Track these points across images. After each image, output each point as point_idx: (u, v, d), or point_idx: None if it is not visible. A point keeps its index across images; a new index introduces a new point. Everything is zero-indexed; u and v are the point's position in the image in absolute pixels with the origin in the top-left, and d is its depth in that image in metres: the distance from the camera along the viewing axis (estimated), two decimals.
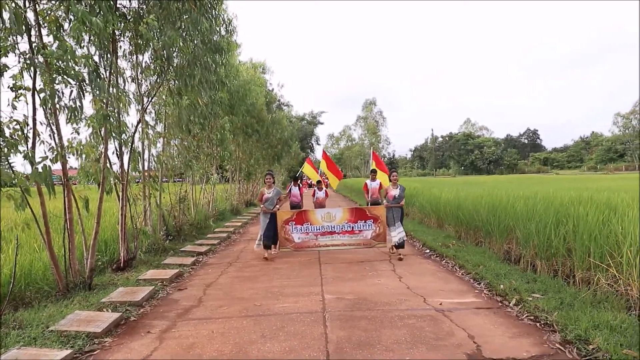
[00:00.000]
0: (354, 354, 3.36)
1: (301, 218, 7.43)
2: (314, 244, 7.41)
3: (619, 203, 6.09)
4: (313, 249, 7.45)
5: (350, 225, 7.43)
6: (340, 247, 7.43)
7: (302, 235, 7.40)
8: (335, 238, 7.41)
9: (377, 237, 7.45)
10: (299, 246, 7.39)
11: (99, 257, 6.33)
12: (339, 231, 7.40)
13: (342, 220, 7.42)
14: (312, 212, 7.51)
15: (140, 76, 6.85)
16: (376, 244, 7.52)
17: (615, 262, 4.56)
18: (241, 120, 13.24)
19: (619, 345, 3.22)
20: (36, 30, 4.25)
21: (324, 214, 7.46)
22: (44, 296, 4.91)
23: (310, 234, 7.40)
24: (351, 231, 7.43)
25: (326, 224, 7.41)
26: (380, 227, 7.41)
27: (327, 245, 7.41)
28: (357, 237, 7.44)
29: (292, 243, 7.40)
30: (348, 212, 7.52)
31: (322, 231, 7.40)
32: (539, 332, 3.81)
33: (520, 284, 5.07)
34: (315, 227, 7.41)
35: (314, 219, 7.42)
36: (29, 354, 3.31)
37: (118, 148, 6.33)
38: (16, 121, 4.33)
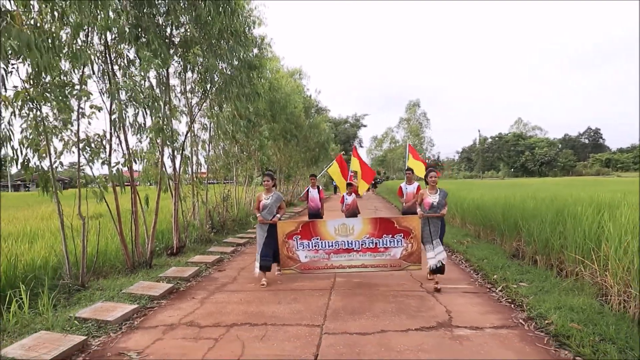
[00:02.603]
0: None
1: (308, 231, 5.71)
2: (325, 265, 5.72)
3: (620, 203, 6.38)
4: (324, 271, 5.77)
5: (373, 240, 5.64)
6: (360, 269, 5.70)
7: (310, 254, 5.71)
8: (353, 257, 5.67)
9: (409, 256, 5.60)
10: (306, 267, 5.74)
11: (157, 244, 7.71)
12: (358, 248, 5.66)
13: (363, 234, 5.65)
14: (323, 223, 5.78)
15: (188, 93, 8.17)
16: (407, 266, 5.64)
17: (597, 257, 5.01)
18: (281, 127, 14.47)
19: (568, 320, 3.82)
20: (111, 68, 5.60)
21: (339, 226, 5.70)
22: (116, 271, 6.27)
23: (320, 251, 5.70)
24: (374, 249, 5.64)
25: (341, 238, 5.67)
26: (413, 243, 5.57)
27: (342, 267, 5.70)
28: (382, 257, 5.64)
29: (297, 263, 5.72)
30: (370, 223, 5.69)
31: (336, 248, 5.68)
32: (510, 311, 4.45)
33: (512, 275, 5.63)
34: (327, 242, 5.69)
35: (326, 232, 5.69)
36: (109, 306, 4.56)
37: (171, 154, 7.67)
38: (97, 135, 5.70)
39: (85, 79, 5.47)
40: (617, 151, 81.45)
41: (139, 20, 5.32)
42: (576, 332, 3.56)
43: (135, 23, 5.29)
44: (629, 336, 3.39)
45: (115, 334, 3.98)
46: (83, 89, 5.30)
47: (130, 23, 5.19)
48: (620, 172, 66.70)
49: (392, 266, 5.68)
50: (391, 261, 5.66)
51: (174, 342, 3.77)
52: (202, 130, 9.07)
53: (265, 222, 5.78)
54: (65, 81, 4.93)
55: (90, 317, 4.21)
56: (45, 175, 5.10)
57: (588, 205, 6.30)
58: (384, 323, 4.10)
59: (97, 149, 5.61)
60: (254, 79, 9.19)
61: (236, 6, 6.48)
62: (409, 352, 3.42)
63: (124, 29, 4.98)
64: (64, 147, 5.34)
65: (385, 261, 5.67)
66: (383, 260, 5.67)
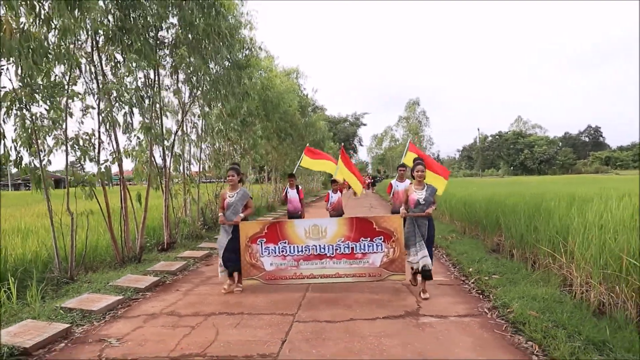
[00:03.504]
0: None
1: (275, 233, 4.99)
2: (293, 275, 4.98)
3: (592, 198, 6.57)
4: (292, 281, 5.02)
5: (348, 245, 4.93)
6: (333, 279, 4.95)
7: (277, 260, 4.99)
8: (326, 265, 4.93)
9: (390, 264, 4.91)
10: (271, 277, 5.00)
11: (147, 240, 7.93)
12: (332, 254, 4.93)
13: (337, 237, 4.93)
14: (291, 224, 5.05)
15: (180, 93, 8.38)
16: (389, 276, 4.93)
17: (565, 250, 5.20)
18: (275, 125, 14.66)
19: (527, 309, 4.01)
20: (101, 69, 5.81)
21: (309, 228, 4.97)
22: (106, 265, 6.48)
23: (288, 258, 4.98)
24: (350, 254, 4.94)
25: (312, 242, 4.94)
26: (395, 248, 4.88)
27: (313, 277, 4.96)
28: (359, 265, 4.93)
29: (261, 272, 5.00)
30: (345, 224, 4.98)
31: (306, 254, 4.96)
32: (477, 301, 4.64)
33: (487, 268, 5.81)
34: (296, 247, 4.96)
35: (294, 234, 4.96)
36: (95, 297, 4.78)
37: (162, 152, 7.88)
38: (86, 133, 5.91)
39: (75, 78, 5.69)
40: (617, 149, 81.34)
41: (123, 22, 5.53)
42: (533, 319, 3.75)
43: (120, 25, 5.50)
44: (580, 322, 3.58)
45: (99, 322, 4.20)
46: (72, 90, 5.52)
47: (115, 25, 5.40)
48: (620, 170, 66.62)
49: (372, 275, 4.95)
50: (370, 270, 4.94)
51: (154, 329, 3.98)
52: (193, 129, 9.27)
53: (228, 223, 5.07)
54: (54, 82, 5.15)
55: (75, 307, 4.43)
56: (36, 173, 5.32)
57: (561, 200, 6.49)
58: (355, 312, 4.30)
59: (86, 147, 5.82)
60: (244, 79, 9.38)
61: (221, 7, 6.67)
62: (372, 337, 3.62)
63: (109, 32, 5.19)
64: (54, 145, 5.56)
65: (363, 270, 4.95)
66: (361, 269, 4.95)
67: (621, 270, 3.91)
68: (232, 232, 5.12)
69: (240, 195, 5.22)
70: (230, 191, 5.27)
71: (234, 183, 5.22)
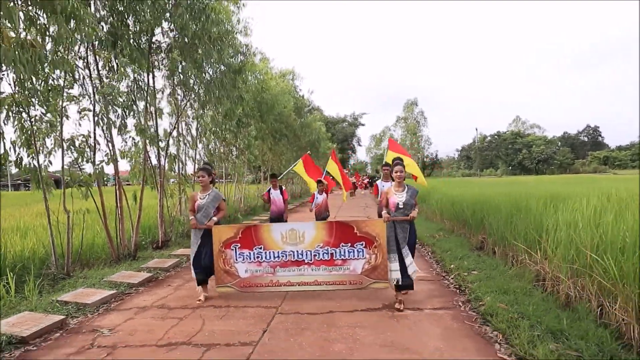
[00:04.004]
0: None
1: (250, 238, 4.75)
2: (270, 282, 4.75)
3: (569, 197, 6.80)
4: (269, 289, 4.78)
5: (328, 250, 4.69)
6: (312, 287, 4.73)
7: (252, 267, 4.76)
8: (304, 272, 4.71)
9: (372, 271, 4.64)
10: (246, 284, 4.77)
11: (143, 238, 8.17)
12: (310, 260, 4.71)
13: (315, 242, 4.70)
14: (267, 228, 4.81)
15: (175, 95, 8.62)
16: (371, 283, 4.66)
17: (540, 247, 5.43)
18: (269, 126, 14.91)
19: (497, 302, 4.24)
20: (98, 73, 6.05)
21: (286, 232, 4.74)
22: (101, 262, 6.71)
23: (264, 264, 4.74)
24: (330, 261, 4.69)
25: (290, 248, 4.71)
26: (378, 254, 4.62)
27: (290, 284, 4.74)
28: (339, 272, 4.69)
29: (235, 279, 4.78)
30: (325, 229, 4.74)
31: (283, 260, 4.73)
32: (454, 295, 4.88)
33: (469, 264, 6.05)
34: (272, 253, 4.74)
35: (270, 239, 4.73)
36: (90, 291, 5.01)
37: (157, 153, 8.11)
38: (82, 135, 6.15)
39: (72, 82, 5.92)
40: (616, 149, 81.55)
41: (115, 29, 5.77)
42: (501, 311, 3.98)
43: (112, 32, 5.74)
44: (543, 314, 3.81)
45: (92, 314, 4.43)
46: (68, 94, 5.76)
47: (107, 32, 5.65)
48: (618, 169, 66.83)
49: (352, 283, 4.68)
50: (351, 277, 4.67)
51: (144, 320, 4.22)
52: (187, 130, 9.51)
53: (199, 227, 4.79)
54: (50, 86, 5.38)
55: (71, 300, 4.67)
56: (35, 173, 5.56)
57: (540, 200, 6.73)
58: (336, 305, 4.53)
59: (82, 148, 6.06)
60: (239, 83, 9.62)
61: (211, 12, 6.90)
62: (348, 327, 3.85)
63: (101, 39, 5.43)
64: (53, 146, 5.80)
65: (343, 277, 4.67)
66: (341, 276, 4.68)
67: (585, 265, 4.14)
68: (202, 236, 4.81)
69: (212, 197, 4.88)
70: (201, 193, 4.93)
71: (204, 184, 4.89)
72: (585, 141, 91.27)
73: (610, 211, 4.71)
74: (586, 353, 3.03)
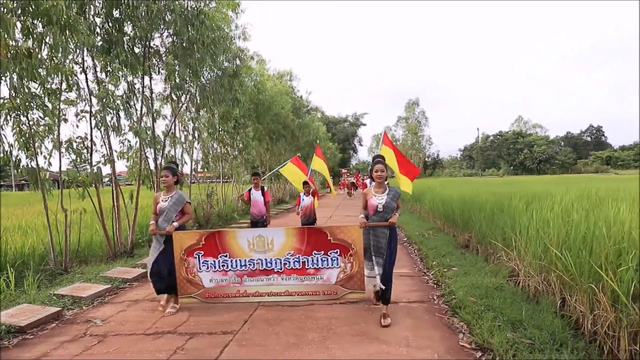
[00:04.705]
0: None
1: (214, 245, 4.40)
2: (237, 292, 4.44)
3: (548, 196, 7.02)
4: (236, 299, 4.46)
5: (299, 259, 4.36)
6: (283, 297, 4.43)
7: (218, 276, 4.43)
8: (273, 282, 4.40)
9: (348, 280, 4.34)
10: (211, 295, 4.46)
11: (140, 236, 8.45)
12: (280, 269, 4.38)
13: (286, 249, 4.37)
14: (233, 235, 4.44)
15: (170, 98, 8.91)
16: (347, 294, 4.37)
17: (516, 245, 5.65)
18: (266, 127, 15.19)
19: (469, 296, 4.48)
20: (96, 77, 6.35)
21: (253, 239, 4.38)
22: (99, 259, 7.00)
23: (230, 273, 4.41)
24: (302, 270, 4.37)
25: (257, 256, 4.37)
26: (353, 263, 4.31)
27: (259, 294, 4.43)
28: (312, 282, 4.38)
29: (199, 289, 4.45)
30: (296, 235, 4.39)
31: (251, 269, 4.40)
32: (430, 290, 5.12)
33: (450, 262, 6.28)
34: (238, 261, 4.40)
35: (237, 246, 4.39)
36: (85, 286, 5.30)
37: (154, 153, 8.39)
38: (80, 137, 6.43)
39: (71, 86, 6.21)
40: (619, 149, 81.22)
41: (110, 36, 6.06)
42: (470, 304, 4.22)
43: (107, 39, 6.03)
44: (508, 306, 4.05)
45: (87, 307, 4.71)
46: (66, 98, 6.04)
47: (102, 39, 5.94)
48: (620, 169, 66.61)
49: (326, 294, 4.36)
50: (325, 287, 4.34)
51: (135, 312, 4.49)
52: (184, 132, 9.79)
53: (159, 233, 4.34)
54: (49, 90, 5.66)
55: (67, 294, 4.95)
56: (33, 174, 5.86)
57: (522, 198, 6.95)
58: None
59: (79, 150, 6.34)
60: (235, 86, 9.91)
61: (205, 18, 7.17)
62: (324, 319, 4.09)
63: (95, 46, 5.73)
64: (52, 148, 6.09)
65: (316, 287, 4.34)
66: (314, 286, 4.34)
67: (551, 261, 4.36)
68: (164, 243, 4.36)
69: (175, 199, 4.40)
70: (164, 194, 4.47)
71: (168, 184, 4.42)
72: (588, 141, 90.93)
73: (577, 210, 4.92)
74: (538, 341, 3.26)
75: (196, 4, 7.57)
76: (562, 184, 17.37)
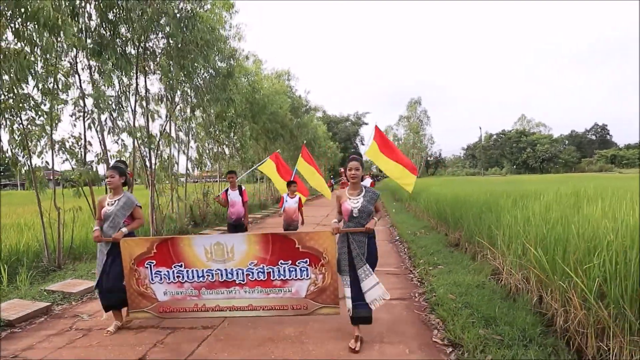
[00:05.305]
0: None
1: (167, 254, 3.84)
2: (194, 306, 3.88)
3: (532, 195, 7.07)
4: (194, 314, 3.90)
5: (264, 269, 3.79)
6: (246, 312, 3.85)
7: (172, 288, 3.87)
8: (235, 295, 3.84)
9: (319, 294, 3.76)
10: (166, 309, 3.89)
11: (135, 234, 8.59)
12: (243, 281, 3.82)
13: (248, 258, 3.80)
14: (188, 242, 3.86)
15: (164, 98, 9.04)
16: (318, 308, 3.77)
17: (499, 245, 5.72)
18: (263, 127, 15.30)
19: (449, 293, 4.55)
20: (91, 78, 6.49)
21: (211, 247, 3.82)
22: (92, 256, 7.12)
23: (186, 285, 3.86)
24: (267, 281, 3.81)
25: (216, 266, 3.83)
26: (325, 274, 3.73)
27: (220, 309, 3.87)
28: (279, 295, 3.81)
29: (153, 302, 3.88)
30: (259, 242, 3.80)
31: (210, 281, 3.85)
32: (414, 288, 5.20)
33: (437, 260, 6.35)
34: (195, 272, 3.85)
35: (193, 254, 3.84)
36: (76, 282, 5.43)
37: (148, 153, 8.52)
38: (73, 137, 6.56)
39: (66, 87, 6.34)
40: (625, 147, 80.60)
41: (102, 39, 6.18)
42: (449, 301, 4.30)
43: (99, 42, 6.16)
44: (485, 304, 4.12)
45: (76, 302, 4.84)
46: (60, 99, 6.17)
47: (93, 41, 6.07)
48: (625, 168, 66.10)
49: (296, 308, 3.79)
50: (293, 301, 3.77)
51: None
52: (178, 131, 9.92)
53: (104, 241, 3.87)
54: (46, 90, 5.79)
55: (57, 289, 5.08)
56: (28, 173, 6.00)
57: (509, 197, 7.00)
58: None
59: (72, 149, 6.48)
60: (229, 86, 10.02)
61: (197, 21, 7.28)
62: (303, 316, 4.18)
63: (88, 47, 5.86)
64: (51, 147, 6.23)
65: (284, 301, 3.78)
66: (281, 300, 3.78)
67: (530, 260, 4.43)
68: (110, 251, 3.88)
69: (123, 202, 3.91)
70: (110, 197, 3.98)
71: (114, 186, 3.94)
72: (593, 140, 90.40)
73: (555, 210, 4.98)
74: (507, 337, 3.34)
75: (191, 6, 7.69)
76: (559, 183, 17.38)
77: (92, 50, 6.00)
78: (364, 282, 3.47)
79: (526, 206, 5.96)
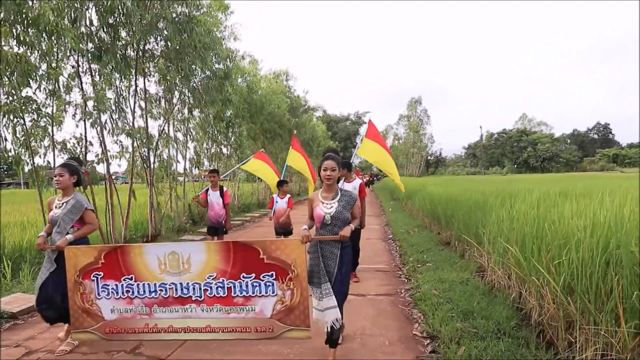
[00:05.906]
0: None
1: (116, 265, 3.28)
2: (145, 326, 3.30)
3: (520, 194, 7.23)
4: (144, 336, 3.34)
5: (224, 283, 3.22)
6: (204, 334, 3.26)
7: (121, 305, 3.30)
8: (192, 314, 3.26)
9: (287, 314, 3.15)
10: (113, 329, 3.31)
11: (134, 232, 8.81)
12: (200, 297, 3.25)
13: (207, 271, 3.24)
14: (139, 251, 3.28)
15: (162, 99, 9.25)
16: (286, 331, 3.16)
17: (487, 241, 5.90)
18: (260, 126, 15.49)
19: (432, 289, 4.74)
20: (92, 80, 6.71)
21: (165, 257, 3.26)
22: None
23: (136, 301, 3.29)
24: (227, 298, 3.22)
25: (171, 279, 3.26)
26: (294, 290, 3.13)
27: (173, 330, 3.27)
28: (240, 314, 3.21)
29: (98, 322, 3.31)
30: (219, 252, 3.24)
31: (163, 296, 3.27)
32: (401, 284, 5.39)
33: (427, 258, 6.53)
34: (147, 286, 3.28)
35: (144, 266, 3.27)
36: None
37: (147, 152, 8.73)
38: (74, 137, 6.78)
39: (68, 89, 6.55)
40: (627, 146, 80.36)
41: (102, 43, 6.39)
42: (431, 297, 4.49)
43: (99, 46, 6.36)
44: (465, 299, 4.31)
45: None
46: (61, 100, 6.38)
47: (94, 45, 6.29)
48: (627, 167, 65.96)
49: (260, 330, 3.17)
50: (257, 322, 3.17)
51: None
52: (177, 132, 10.13)
53: (46, 248, 3.40)
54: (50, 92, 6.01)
55: None
56: (31, 171, 6.22)
57: (498, 196, 7.18)
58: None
59: (74, 149, 6.69)
60: (226, 87, 10.21)
61: (195, 25, 7.48)
62: None
63: (87, 51, 6.08)
64: (54, 147, 6.45)
65: (246, 322, 3.19)
66: (243, 321, 3.19)
67: (510, 258, 4.61)
68: (55, 260, 3.39)
69: (70, 205, 3.43)
70: (59, 199, 3.53)
71: (63, 186, 3.46)
72: (595, 139, 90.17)
73: (537, 208, 5.15)
74: (482, 330, 3.52)
75: (188, 10, 7.88)
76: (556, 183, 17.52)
77: (92, 54, 6.21)
78: (323, 300, 3.04)
79: (512, 205, 6.13)
